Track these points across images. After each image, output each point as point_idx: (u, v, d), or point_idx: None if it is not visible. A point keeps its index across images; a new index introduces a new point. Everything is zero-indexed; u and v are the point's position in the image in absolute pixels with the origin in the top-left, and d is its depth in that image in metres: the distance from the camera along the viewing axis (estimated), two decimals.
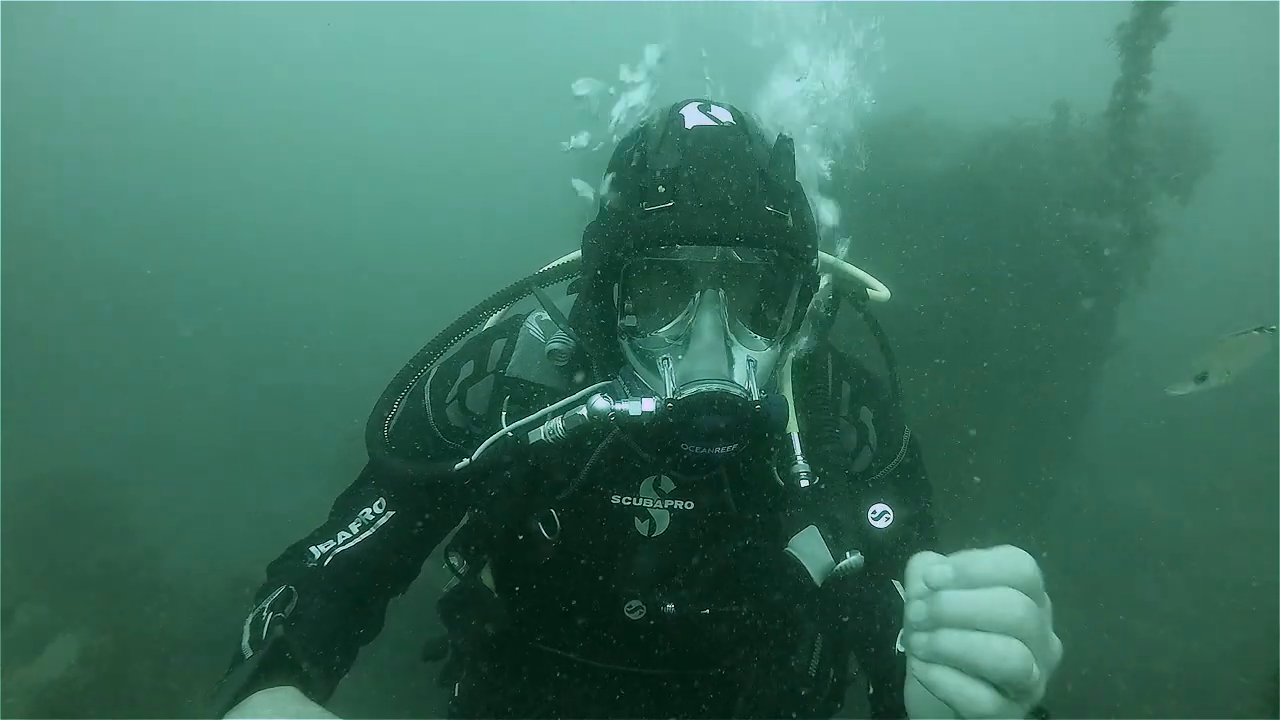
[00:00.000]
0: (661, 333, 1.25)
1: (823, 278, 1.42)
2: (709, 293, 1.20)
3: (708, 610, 1.44)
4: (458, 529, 1.52)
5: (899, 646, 0.88)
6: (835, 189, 1.45)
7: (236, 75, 27.02)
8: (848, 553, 1.26)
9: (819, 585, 1.27)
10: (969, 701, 0.79)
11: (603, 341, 1.32)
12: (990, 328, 6.28)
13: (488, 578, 1.58)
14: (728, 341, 1.21)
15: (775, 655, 1.57)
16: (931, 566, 0.84)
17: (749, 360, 1.23)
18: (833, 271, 1.57)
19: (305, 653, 1.16)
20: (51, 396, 11.12)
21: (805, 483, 1.30)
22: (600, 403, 1.22)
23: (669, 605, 1.42)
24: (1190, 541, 8.14)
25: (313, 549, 1.42)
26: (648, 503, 1.41)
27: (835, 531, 1.28)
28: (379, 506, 1.44)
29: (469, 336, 1.51)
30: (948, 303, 6.06)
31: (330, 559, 1.40)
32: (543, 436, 1.28)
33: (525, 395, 1.41)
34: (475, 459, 1.30)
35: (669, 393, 1.17)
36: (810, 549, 1.27)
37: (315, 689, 1.12)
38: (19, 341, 11.50)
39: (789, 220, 1.20)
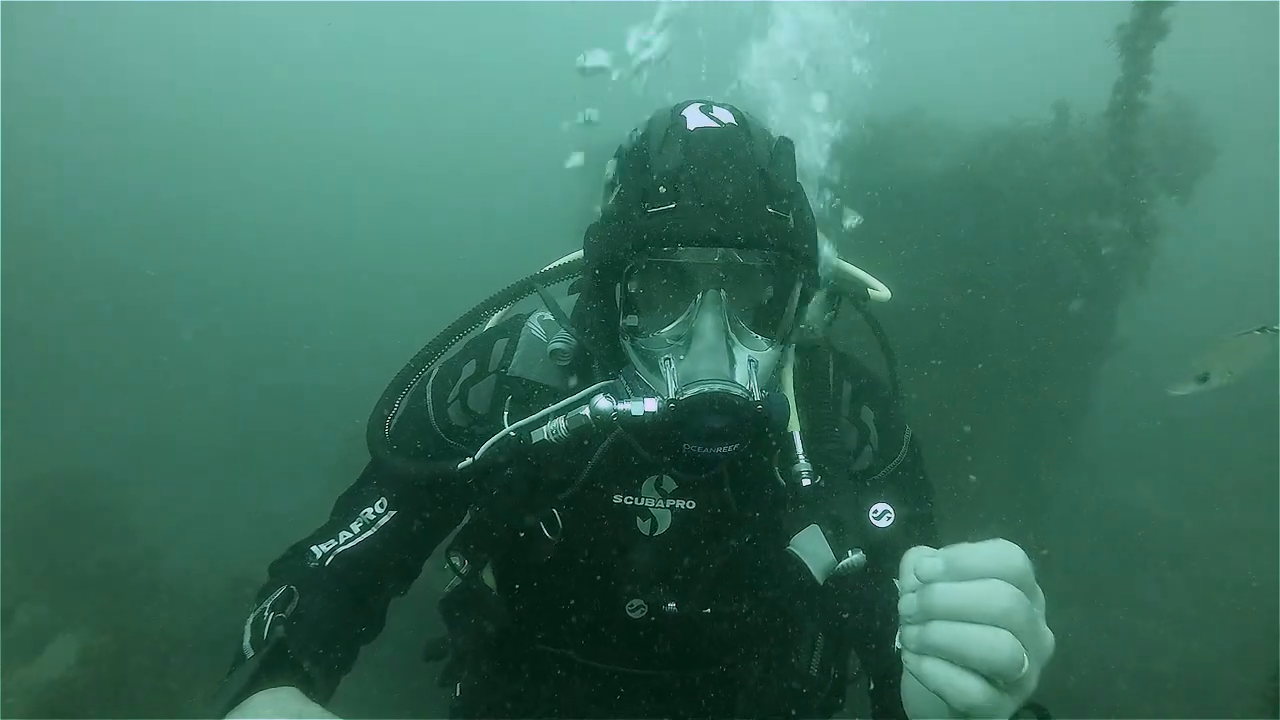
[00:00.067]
0: (663, 333, 1.25)
1: (823, 278, 1.42)
2: (710, 293, 1.20)
3: (709, 609, 1.44)
4: (459, 529, 1.52)
5: (898, 643, 0.88)
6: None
7: (236, 75, 27.04)
8: (849, 551, 1.26)
9: (821, 583, 1.27)
10: (959, 693, 0.79)
11: (604, 341, 1.32)
12: (990, 328, 6.28)
13: (489, 577, 1.58)
14: (729, 342, 1.21)
15: (776, 654, 1.58)
16: (922, 560, 0.85)
17: (750, 360, 1.23)
18: (834, 271, 1.57)
19: (306, 652, 1.16)
20: (51, 396, 11.12)
21: (807, 481, 1.30)
22: (603, 403, 1.22)
23: (670, 604, 1.42)
24: (1190, 541, 8.14)
25: (314, 549, 1.42)
26: (649, 502, 1.41)
27: (837, 530, 1.28)
28: (380, 506, 1.44)
29: (470, 336, 1.51)
30: (947, 303, 6.06)
31: (332, 558, 1.40)
32: (545, 436, 1.28)
33: (527, 395, 1.41)
34: (478, 458, 1.30)
35: (671, 393, 1.17)
36: (812, 547, 1.27)
37: (316, 689, 1.13)
38: (19, 341, 11.49)
39: (790, 221, 1.20)
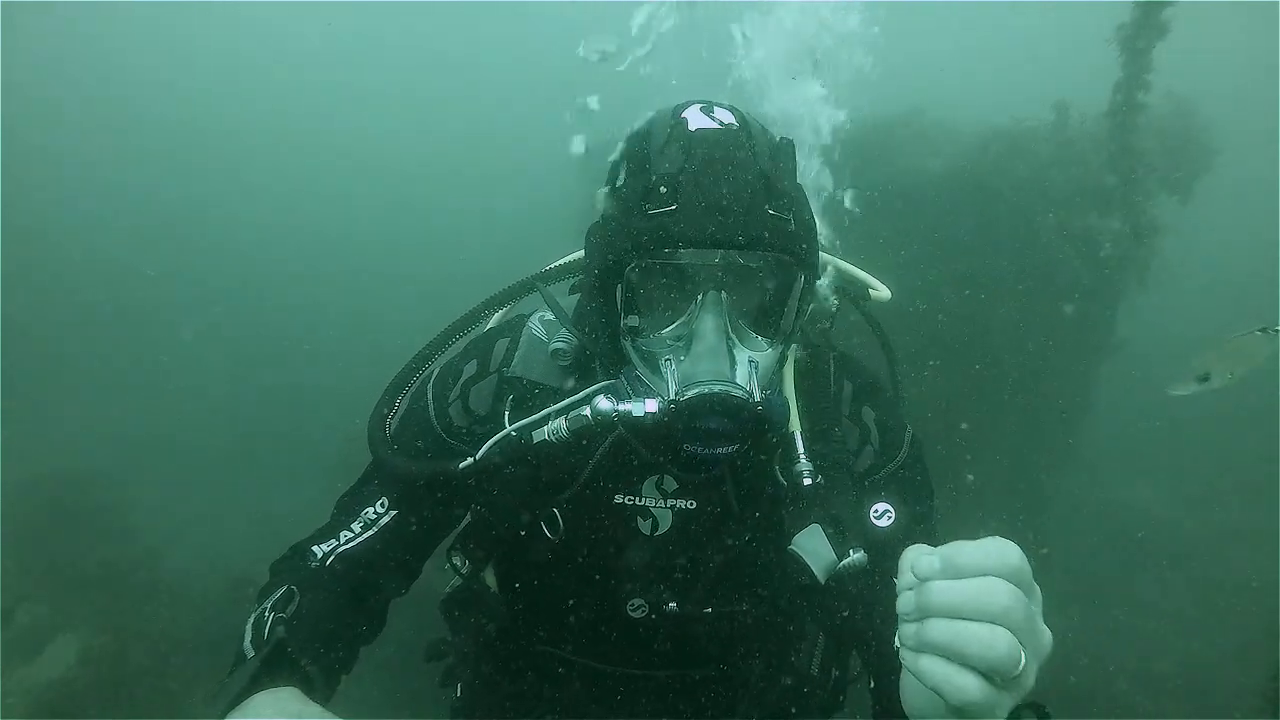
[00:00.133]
0: (664, 334, 1.25)
1: (824, 278, 1.43)
2: (711, 295, 1.20)
3: (710, 609, 1.44)
4: (460, 529, 1.52)
5: (898, 642, 0.88)
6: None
7: (236, 75, 27.02)
8: (851, 550, 1.26)
9: (823, 583, 1.27)
10: (957, 689, 0.79)
11: (605, 341, 1.32)
12: (990, 328, 6.28)
13: (490, 578, 1.58)
14: (729, 343, 1.21)
15: (777, 653, 1.58)
16: (919, 557, 0.85)
17: (750, 361, 1.23)
18: (834, 271, 1.57)
19: (307, 652, 1.16)
20: (51, 396, 11.12)
21: (808, 481, 1.31)
22: (604, 403, 1.22)
23: (671, 603, 1.42)
24: (1190, 541, 8.13)
25: (315, 549, 1.42)
26: (650, 502, 1.41)
27: (838, 529, 1.28)
28: (381, 506, 1.44)
29: (471, 336, 1.51)
30: (947, 303, 6.06)
31: (333, 558, 1.40)
32: (546, 436, 1.28)
33: (528, 395, 1.41)
34: (479, 457, 1.30)
35: (671, 394, 1.17)
36: (814, 546, 1.27)
37: (317, 689, 1.13)
38: (19, 341, 11.49)
39: (790, 223, 1.20)
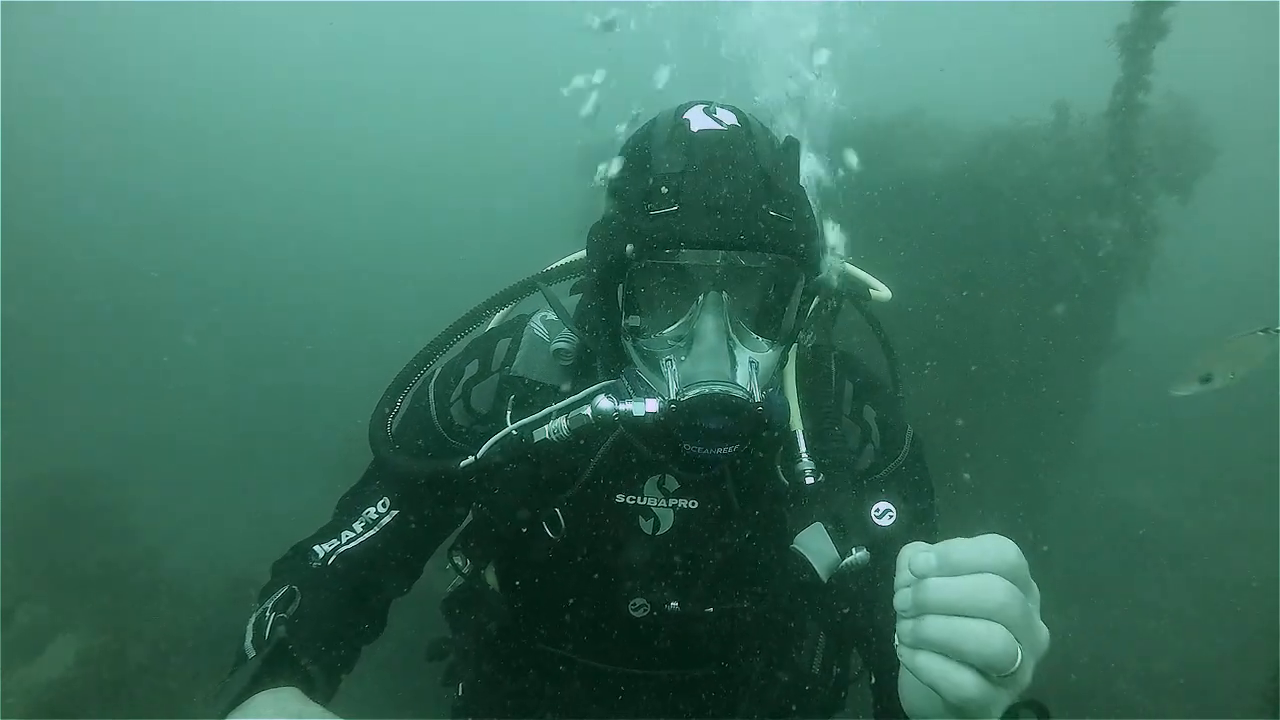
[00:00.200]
0: (665, 334, 1.25)
1: (835, 281, 1.43)
2: (712, 295, 1.21)
3: (711, 608, 1.44)
4: (461, 528, 1.52)
5: (896, 639, 0.88)
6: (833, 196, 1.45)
7: (236, 75, 27.01)
8: (853, 549, 1.27)
9: (825, 581, 1.27)
10: (954, 686, 0.80)
11: (607, 341, 1.32)
12: (990, 327, 6.28)
13: (491, 577, 1.58)
14: (730, 343, 1.21)
15: (778, 652, 1.58)
16: (916, 555, 0.86)
17: (751, 361, 1.23)
18: (834, 271, 1.57)
19: (308, 652, 1.16)
20: (51, 396, 11.10)
21: (810, 480, 1.31)
22: (605, 403, 1.22)
23: (673, 603, 1.43)
24: (1190, 541, 8.13)
25: (316, 548, 1.42)
26: (651, 501, 1.41)
27: (840, 528, 1.28)
28: (383, 505, 1.44)
29: (473, 336, 1.51)
30: (947, 302, 6.06)
31: (334, 558, 1.40)
32: (547, 435, 1.28)
33: (529, 394, 1.42)
34: (480, 456, 1.30)
35: (672, 394, 1.17)
36: (816, 545, 1.27)
37: (318, 688, 1.13)
38: (19, 341, 11.48)
39: (792, 224, 1.20)
